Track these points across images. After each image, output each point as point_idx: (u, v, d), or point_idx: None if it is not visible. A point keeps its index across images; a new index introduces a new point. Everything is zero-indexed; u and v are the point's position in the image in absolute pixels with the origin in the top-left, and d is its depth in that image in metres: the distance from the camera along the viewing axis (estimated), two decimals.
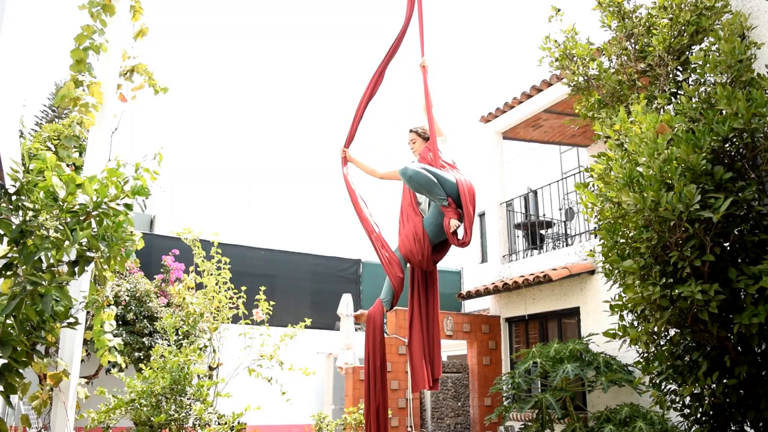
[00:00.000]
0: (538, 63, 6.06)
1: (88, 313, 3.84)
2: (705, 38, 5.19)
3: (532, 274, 8.99)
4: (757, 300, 3.91)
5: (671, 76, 5.33)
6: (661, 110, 5.08)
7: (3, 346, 2.63)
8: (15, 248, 2.69)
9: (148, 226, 15.37)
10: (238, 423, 5.45)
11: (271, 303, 6.82)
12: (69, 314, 2.99)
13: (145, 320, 8.86)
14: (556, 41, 5.91)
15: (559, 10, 5.88)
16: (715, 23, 5.19)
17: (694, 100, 4.68)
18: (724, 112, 4.18)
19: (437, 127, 5.00)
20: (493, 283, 9.90)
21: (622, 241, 4.45)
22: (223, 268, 6.54)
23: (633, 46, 5.55)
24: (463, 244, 4.66)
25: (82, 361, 7.04)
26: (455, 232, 4.64)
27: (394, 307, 5.06)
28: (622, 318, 4.54)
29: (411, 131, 5.14)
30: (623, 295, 4.50)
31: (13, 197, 2.73)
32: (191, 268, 6.83)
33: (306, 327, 6.78)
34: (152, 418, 5.12)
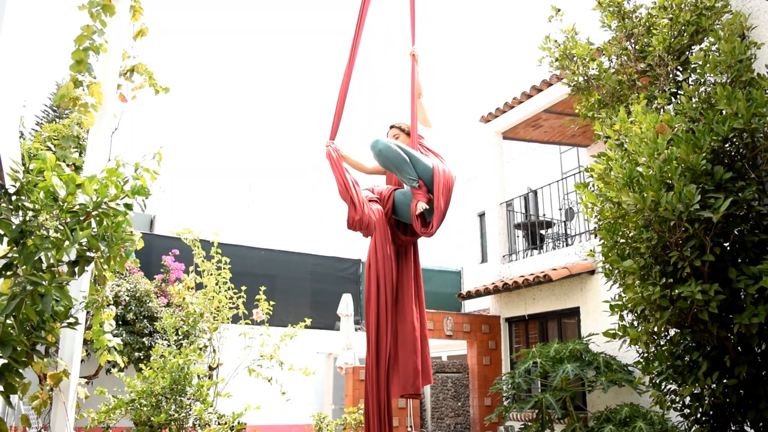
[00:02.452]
0: (538, 63, 6.06)
1: (88, 313, 3.84)
2: (705, 38, 5.19)
3: (532, 274, 8.99)
4: (757, 300, 3.91)
5: (671, 76, 5.33)
6: (661, 110, 5.08)
7: (3, 346, 2.62)
8: (15, 248, 2.69)
9: (148, 226, 15.37)
10: (238, 423, 5.45)
11: (271, 303, 6.82)
12: (69, 314, 2.99)
13: (145, 320, 8.86)
14: (556, 41, 5.91)
15: (559, 10, 5.88)
16: (715, 23, 5.19)
17: (694, 100, 4.68)
18: (724, 112, 4.18)
19: (425, 117, 4.84)
20: (493, 283, 9.90)
21: (622, 241, 4.45)
22: (223, 268, 6.53)
23: (633, 46, 5.55)
24: (428, 234, 4.40)
25: (82, 361, 7.04)
26: (422, 217, 4.39)
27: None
28: (622, 318, 4.54)
29: (393, 127, 4.92)
30: (623, 295, 4.50)
31: (13, 197, 2.73)
32: (191, 268, 6.83)
33: (306, 327, 6.78)
34: (152, 418, 5.12)
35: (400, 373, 4.27)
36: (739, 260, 4.20)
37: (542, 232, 10.81)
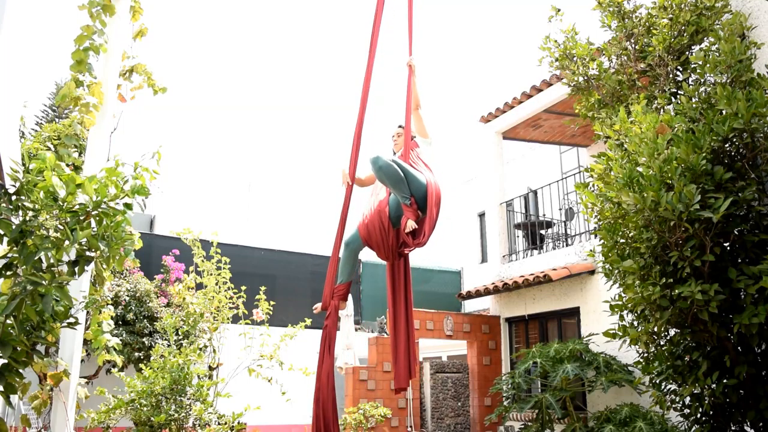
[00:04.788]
0: (538, 63, 6.06)
1: (88, 313, 3.84)
2: (705, 38, 5.19)
3: (532, 274, 8.98)
4: (757, 300, 3.91)
5: (671, 76, 5.33)
6: (661, 110, 5.08)
7: (3, 346, 2.63)
8: (15, 248, 2.69)
9: (148, 226, 15.37)
10: (238, 423, 5.45)
11: (271, 303, 6.81)
12: (69, 314, 3.00)
13: (145, 320, 8.86)
14: (556, 41, 5.91)
15: (559, 10, 5.88)
16: (715, 23, 5.19)
17: (694, 100, 4.68)
18: (724, 112, 4.18)
19: (423, 129, 4.99)
20: (493, 283, 9.90)
21: (622, 241, 4.45)
22: (223, 268, 6.53)
23: (633, 46, 5.55)
24: (419, 244, 4.60)
25: (82, 361, 7.03)
26: (411, 233, 4.58)
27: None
28: (622, 318, 4.54)
29: (400, 126, 5.10)
30: (623, 295, 4.50)
31: (13, 197, 2.73)
32: (191, 268, 6.83)
33: (306, 327, 6.77)
34: (152, 418, 5.11)
35: (397, 372, 4.80)
36: (739, 260, 4.20)
37: (542, 232, 10.81)
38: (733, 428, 4.44)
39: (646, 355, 4.71)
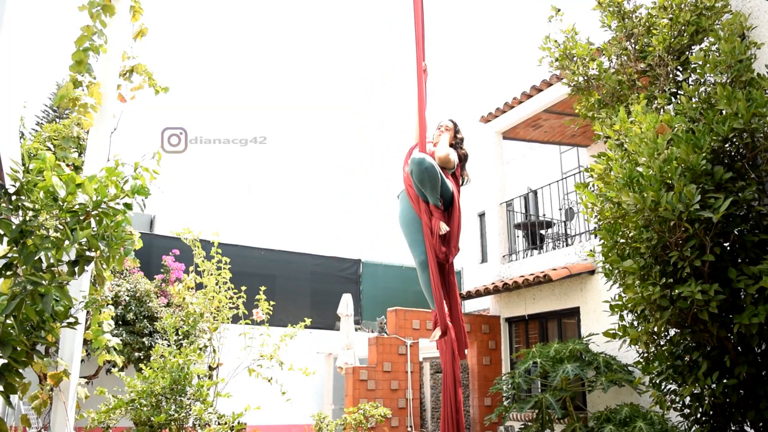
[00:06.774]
0: (538, 63, 6.06)
1: (88, 313, 3.84)
2: (705, 38, 5.19)
3: (532, 274, 8.98)
4: (757, 300, 3.91)
5: (671, 76, 5.33)
6: (661, 110, 5.08)
7: (3, 346, 2.63)
8: (15, 248, 2.69)
9: (148, 226, 15.38)
10: (238, 423, 5.45)
11: (271, 303, 6.81)
12: (69, 314, 3.00)
13: (145, 320, 8.86)
14: (556, 41, 5.91)
15: (559, 10, 5.89)
16: (715, 23, 5.19)
17: (694, 100, 4.68)
18: (724, 112, 4.18)
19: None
20: (493, 283, 9.90)
21: (622, 241, 4.45)
22: (223, 268, 6.53)
23: (633, 46, 5.55)
24: (446, 259, 4.63)
25: (82, 361, 7.03)
26: (443, 238, 4.57)
27: (395, 308, 5.04)
28: (622, 318, 4.54)
29: (451, 120, 5.05)
30: (623, 295, 4.50)
31: (13, 197, 2.73)
32: (191, 268, 6.83)
33: (306, 327, 6.78)
34: (152, 418, 5.11)
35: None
36: (739, 260, 4.20)
37: (542, 232, 10.81)
38: (733, 428, 4.44)
39: (646, 355, 4.71)
